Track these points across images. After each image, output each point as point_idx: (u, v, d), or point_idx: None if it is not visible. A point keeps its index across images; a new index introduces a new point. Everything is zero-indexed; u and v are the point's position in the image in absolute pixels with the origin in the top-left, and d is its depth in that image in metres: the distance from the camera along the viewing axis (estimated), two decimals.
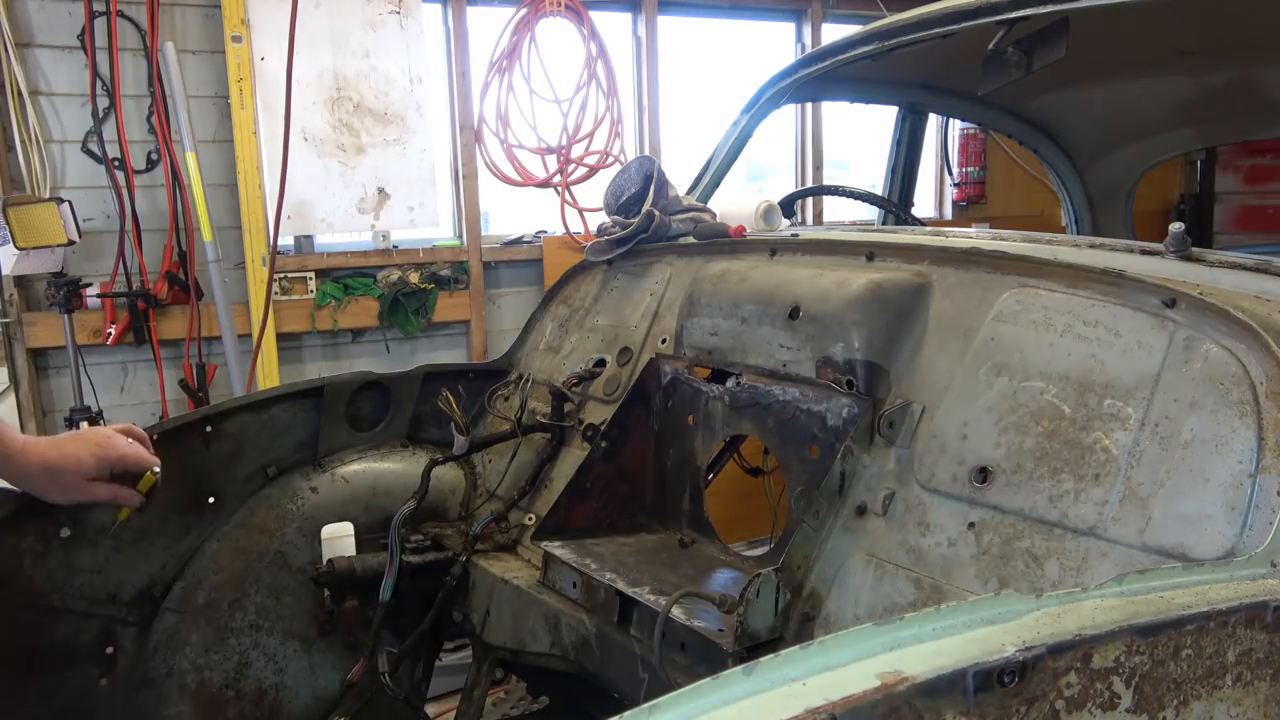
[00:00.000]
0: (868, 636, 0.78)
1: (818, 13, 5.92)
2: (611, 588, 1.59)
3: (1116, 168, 3.44)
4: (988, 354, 1.43)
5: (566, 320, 2.30)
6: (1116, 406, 1.27)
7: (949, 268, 1.57)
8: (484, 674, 2.02)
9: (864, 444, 1.49)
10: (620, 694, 1.59)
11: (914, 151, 3.30)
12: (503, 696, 2.95)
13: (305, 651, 2.06)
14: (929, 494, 1.40)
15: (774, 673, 0.74)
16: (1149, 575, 0.93)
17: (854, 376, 1.54)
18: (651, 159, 2.30)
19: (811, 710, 0.69)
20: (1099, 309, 1.36)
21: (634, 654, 1.55)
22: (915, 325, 1.54)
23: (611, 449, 1.86)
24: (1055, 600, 0.86)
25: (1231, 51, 2.65)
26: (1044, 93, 2.99)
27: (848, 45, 2.47)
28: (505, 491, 2.11)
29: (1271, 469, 1.11)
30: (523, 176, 4.99)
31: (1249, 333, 1.20)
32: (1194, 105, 3.05)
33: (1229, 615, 0.90)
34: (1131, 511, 1.20)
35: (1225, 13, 2.29)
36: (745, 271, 1.79)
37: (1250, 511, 1.10)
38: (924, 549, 1.37)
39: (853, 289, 1.57)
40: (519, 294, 5.09)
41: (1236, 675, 0.92)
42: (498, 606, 1.86)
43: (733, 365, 1.76)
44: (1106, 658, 0.83)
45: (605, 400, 2.01)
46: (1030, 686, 0.78)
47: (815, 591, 1.45)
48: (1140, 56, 2.70)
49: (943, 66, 2.77)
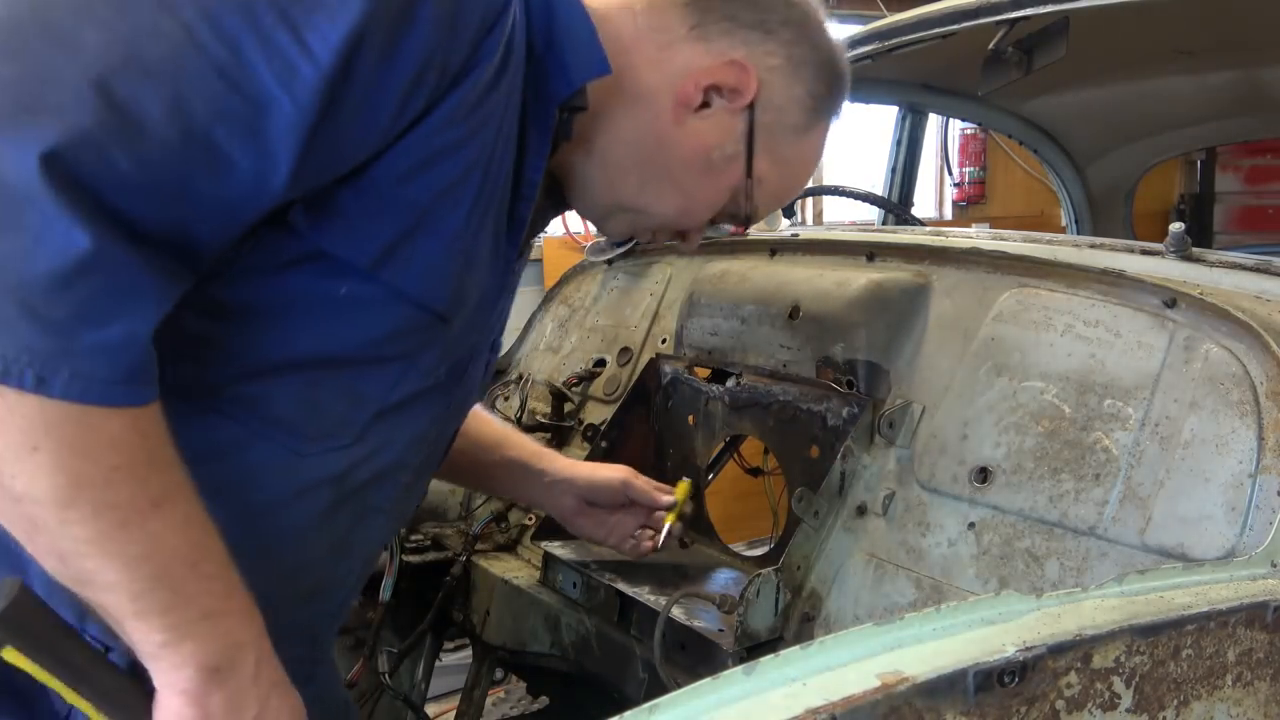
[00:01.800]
0: (868, 636, 0.78)
1: None
2: (611, 588, 1.60)
3: (1116, 168, 3.44)
4: (988, 354, 1.43)
5: (566, 320, 2.30)
6: (1116, 406, 1.27)
7: (949, 268, 1.58)
8: (484, 674, 2.02)
9: (864, 444, 1.49)
10: (620, 694, 1.59)
11: (914, 151, 3.31)
12: (503, 696, 2.95)
13: None
14: (929, 494, 1.40)
15: (774, 673, 0.74)
16: (1149, 575, 0.93)
17: (854, 376, 1.54)
18: None
19: (811, 710, 0.69)
20: (1099, 309, 1.36)
21: (634, 654, 1.55)
22: (915, 325, 1.54)
23: (611, 449, 1.86)
24: (1055, 600, 0.87)
25: (1231, 51, 2.65)
26: (1044, 93, 2.99)
27: (848, 45, 2.47)
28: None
29: (1271, 469, 1.11)
30: None
31: (1249, 333, 1.21)
32: (1194, 105, 3.06)
33: (1229, 615, 0.90)
34: (1131, 511, 1.20)
35: (1225, 13, 2.29)
36: (745, 271, 1.79)
37: (1250, 511, 1.11)
38: (924, 549, 1.37)
39: (853, 289, 1.57)
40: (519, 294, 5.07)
41: (1237, 675, 0.92)
42: (498, 606, 1.86)
43: (733, 365, 1.76)
44: (1107, 658, 0.83)
45: (605, 400, 2.02)
46: (1030, 686, 0.78)
47: (815, 591, 1.45)
48: (1140, 56, 2.71)
49: (943, 66, 2.77)
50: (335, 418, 1.02)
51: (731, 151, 1.12)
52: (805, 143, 1.19)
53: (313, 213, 0.90)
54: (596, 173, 1.14)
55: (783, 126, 1.14)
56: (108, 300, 0.76)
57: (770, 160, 1.15)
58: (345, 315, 0.96)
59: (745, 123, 1.11)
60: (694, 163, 1.12)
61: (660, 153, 1.11)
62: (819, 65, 1.15)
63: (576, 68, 1.01)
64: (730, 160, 1.13)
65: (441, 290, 1.00)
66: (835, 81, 1.18)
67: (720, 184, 1.15)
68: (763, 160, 1.14)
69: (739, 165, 1.13)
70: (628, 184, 1.14)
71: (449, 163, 0.92)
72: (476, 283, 1.05)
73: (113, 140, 0.75)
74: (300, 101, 0.80)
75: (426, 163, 0.91)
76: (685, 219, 1.18)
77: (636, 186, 1.14)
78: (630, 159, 1.12)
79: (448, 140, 0.91)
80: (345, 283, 0.94)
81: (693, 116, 1.10)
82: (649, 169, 1.12)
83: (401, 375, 1.04)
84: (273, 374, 0.96)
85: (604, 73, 1.02)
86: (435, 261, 0.97)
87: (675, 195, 1.14)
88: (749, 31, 1.10)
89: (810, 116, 1.16)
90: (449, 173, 0.93)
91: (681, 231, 1.23)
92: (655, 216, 1.18)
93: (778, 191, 1.21)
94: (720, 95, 1.10)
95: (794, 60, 1.13)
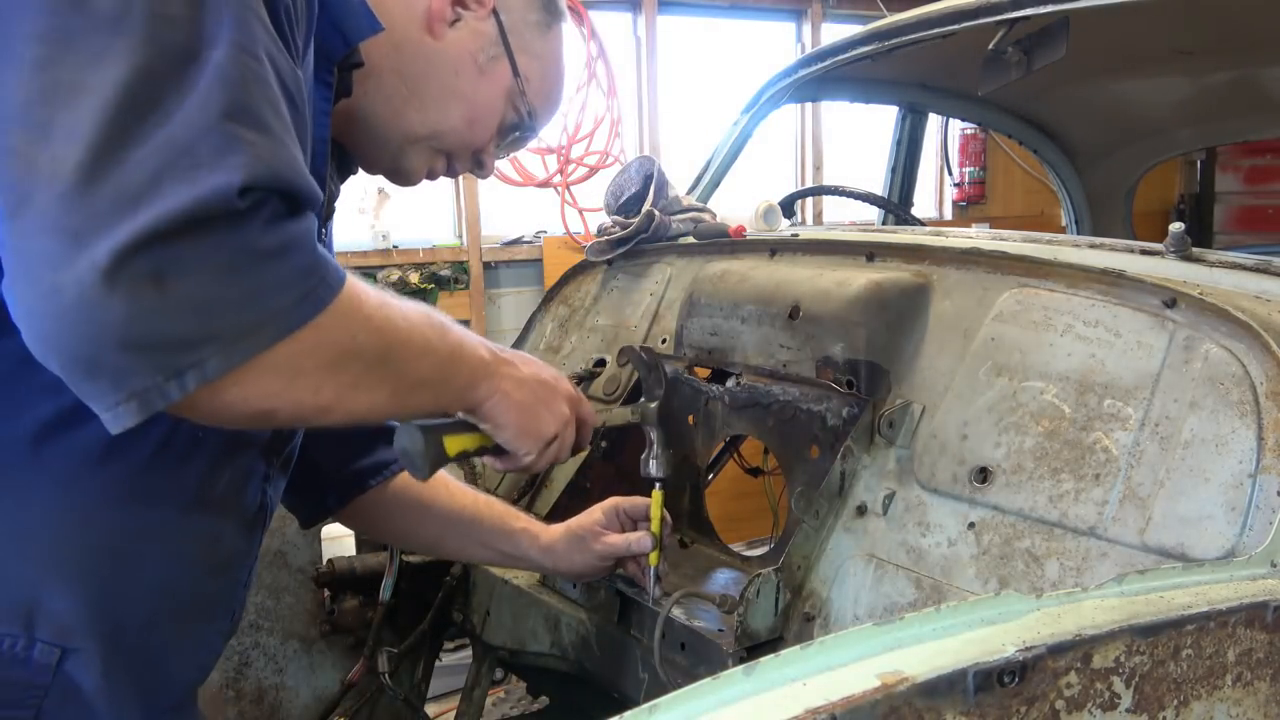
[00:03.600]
0: (868, 636, 0.78)
1: (818, 13, 5.92)
2: (611, 588, 1.60)
3: (1116, 168, 3.44)
4: (988, 354, 1.43)
5: (566, 320, 2.30)
6: (1116, 406, 1.27)
7: (949, 268, 1.57)
8: (484, 674, 2.02)
9: (864, 444, 1.49)
10: (620, 694, 1.59)
11: (914, 151, 3.31)
12: (503, 696, 2.95)
13: (305, 651, 2.06)
14: (929, 494, 1.40)
15: (774, 673, 0.74)
16: (1149, 575, 0.93)
17: (854, 376, 1.54)
18: (651, 159, 2.30)
19: (811, 710, 0.69)
20: (1099, 309, 1.36)
21: (634, 654, 1.55)
22: (915, 325, 1.54)
23: (611, 449, 1.86)
24: (1055, 600, 0.86)
25: (1231, 51, 2.65)
26: (1044, 93, 2.99)
27: (848, 45, 2.47)
28: (505, 491, 2.11)
29: (1271, 469, 1.11)
30: (523, 176, 5.00)
31: (1249, 333, 1.21)
32: (1194, 105, 3.06)
33: (1229, 615, 0.90)
34: (1131, 511, 1.20)
35: (1225, 13, 2.29)
36: (745, 271, 1.79)
37: (1250, 511, 1.11)
38: (924, 549, 1.37)
39: (853, 289, 1.57)
40: (519, 294, 5.09)
41: (1236, 675, 0.92)
42: (498, 606, 1.86)
43: (733, 365, 1.76)
44: (1106, 658, 0.83)
45: (605, 400, 2.02)
46: (1030, 686, 0.78)
47: (815, 591, 1.45)
48: (1140, 56, 2.71)
49: (943, 66, 2.77)
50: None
51: (494, 53, 1.21)
52: (552, 36, 1.28)
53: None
54: (378, 112, 1.18)
55: (528, 24, 1.24)
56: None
57: (528, 57, 1.24)
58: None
59: (494, 25, 1.20)
60: (464, 70, 1.20)
61: (431, 70, 1.19)
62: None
63: (352, 29, 1.06)
64: (495, 61, 1.21)
65: None
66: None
67: (495, 87, 1.22)
68: (522, 58, 1.23)
69: (504, 64, 1.22)
70: (410, 111, 1.19)
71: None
72: None
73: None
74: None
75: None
76: (475, 130, 1.24)
77: (419, 110, 1.20)
78: (407, 87, 1.18)
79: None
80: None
81: (449, 30, 1.18)
82: (426, 89, 1.19)
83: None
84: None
85: (376, 30, 1.07)
86: None
87: (458, 105, 1.21)
88: None
89: (545, 14, 1.26)
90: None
91: (478, 154, 1.28)
92: (447, 135, 1.23)
93: (545, 89, 1.29)
94: (465, 7, 1.19)
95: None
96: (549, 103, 1.32)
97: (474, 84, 1.21)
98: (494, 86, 1.23)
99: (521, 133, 1.30)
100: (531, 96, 1.26)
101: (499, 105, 1.25)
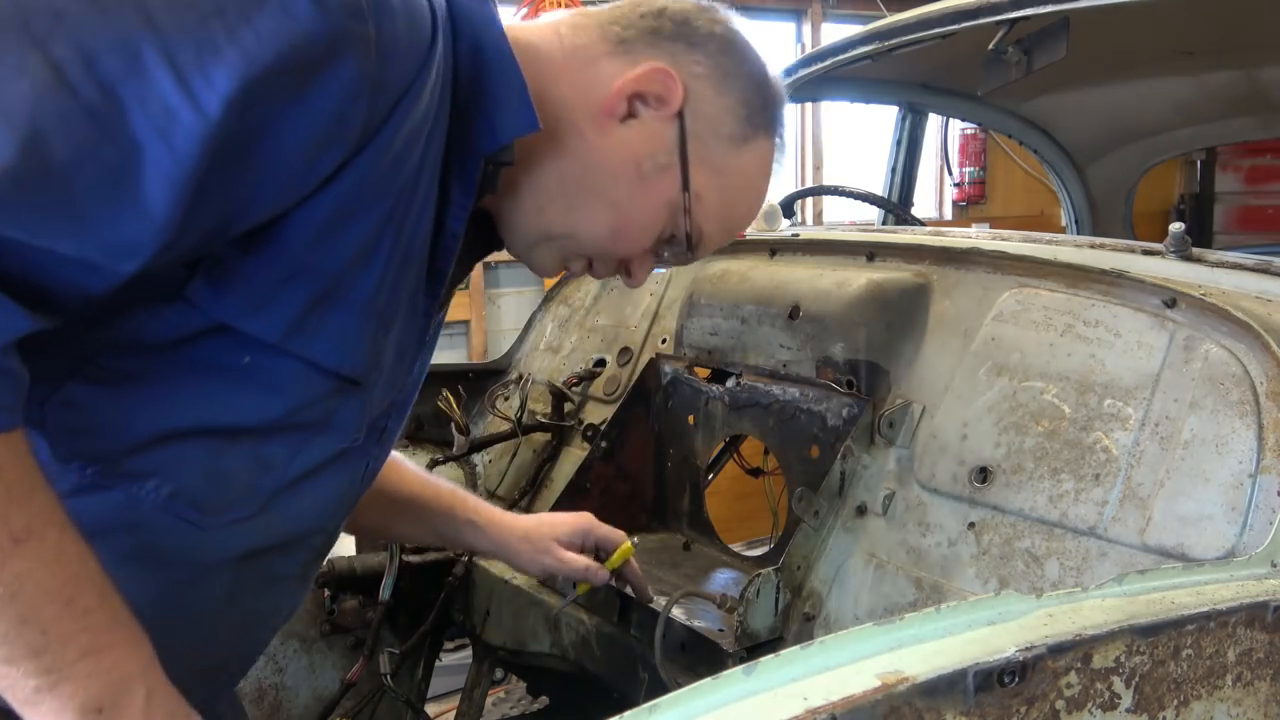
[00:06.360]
0: (868, 636, 0.78)
1: (818, 13, 5.93)
2: (611, 588, 1.60)
3: (1116, 168, 3.44)
4: (988, 354, 1.43)
5: (566, 320, 2.30)
6: (1116, 406, 1.27)
7: (949, 268, 1.58)
8: (484, 674, 2.02)
9: (864, 444, 1.50)
10: (620, 694, 1.59)
11: (914, 151, 3.31)
12: (503, 696, 2.95)
13: (305, 651, 2.05)
14: (929, 494, 1.40)
15: (774, 673, 0.74)
16: (1149, 575, 0.93)
17: (854, 376, 1.54)
18: None
19: (811, 710, 0.69)
20: (1099, 309, 1.36)
21: (634, 654, 1.55)
22: (915, 325, 1.54)
23: (611, 449, 1.86)
24: (1055, 600, 0.86)
25: (1231, 51, 2.65)
26: (1044, 93, 2.99)
27: (848, 45, 2.48)
28: (505, 491, 2.11)
29: (1271, 469, 1.11)
30: None
31: (1249, 333, 1.21)
32: (1194, 105, 3.06)
33: (1229, 615, 0.90)
34: (1131, 511, 1.20)
35: (1225, 13, 2.29)
36: (745, 271, 1.79)
37: (1250, 511, 1.11)
38: (924, 549, 1.37)
39: (853, 289, 1.58)
40: (519, 294, 5.10)
41: (1237, 675, 0.92)
42: (498, 606, 1.86)
43: (733, 365, 1.76)
44: (1107, 658, 0.83)
45: (605, 400, 2.02)
46: (1030, 686, 0.78)
47: (815, 591, 1.45)
48: (1140, 56, 2.71)
49: (943, 66, 2.77)
50: (240, 488, 0.96)
51: (664, 161, 1.05)
52: (744, 154, 1.10)
53: (213, 284, 0.85)
54: (524, 204, 1.07)
55: (716, 135, 1.07)
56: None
57: (708, 172, 1.07)
58: (249, 385, 0.91)
59: (676, 131, 1.05)
60: (622, 174, 1.05)
61: (586, 170, 1.04)
62: (748, 76, 1.09)
63: (504, 126, 0.96)
64: (663, 170, 1.06)
65: (355, 356, 0.95)
66: (768, 93, 1.11)
67: (655, 198, 1.06)
68: (699, 172, 1.07)
69: (674, 176, 1.06)
70: (554, 209, 1.06)
71: (359, 224, 0.88)
72: (393, 342, 1.00)
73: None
74: (178, 151, 0.74)
75: (335, 225, 0.86)
76: (621, 241, 1.09)
77: (563, 210, 1.06)
78: (556, 183, 1.05)
79: (358, 200, 0.86)
80: (249, 353, 0.89)
81: (619, 127, 1.04)
82: (575, 188, 1.05)
83: (310, 441, 0.98)
84: (169, 445, 0.91)
85: (533, 129, 0.97)
86: (348, 328, 0.92)
87: (605, 212, 1.06)
88: (672, 43, 1.05)
89: (745, 127, 1.09)
90: (360, 234, 0.88)
91: (625, 262, 1.13)
92: (585, 240, 1.09)
93: (721, 212, 1.11)
94: (646, 104, 1.04)
95: (721, 70, 1.07)
96: (723, 227, 1.14)
97: (630, 191, 1.06)
98: (652, 197, 1.06)
99: (680, 252, 1.13)
100: (699, 216, 1.08)
101: (657, 218, 1.08)
